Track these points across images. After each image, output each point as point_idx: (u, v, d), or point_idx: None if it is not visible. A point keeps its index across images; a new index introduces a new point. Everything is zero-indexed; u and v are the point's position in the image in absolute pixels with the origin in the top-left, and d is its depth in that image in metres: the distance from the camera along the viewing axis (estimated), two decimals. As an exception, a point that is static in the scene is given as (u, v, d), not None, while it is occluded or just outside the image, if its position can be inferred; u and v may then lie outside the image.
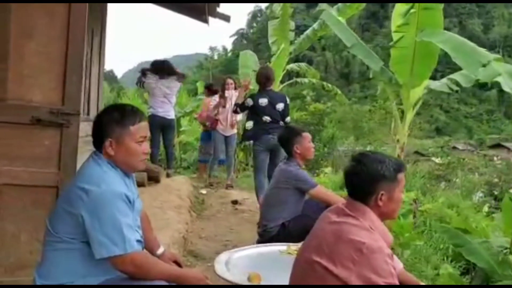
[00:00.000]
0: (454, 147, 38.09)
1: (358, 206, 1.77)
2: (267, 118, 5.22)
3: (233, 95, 6.93)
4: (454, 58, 5.34)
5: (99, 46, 4.54)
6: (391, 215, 1.85)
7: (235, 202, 5.75)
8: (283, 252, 2.82)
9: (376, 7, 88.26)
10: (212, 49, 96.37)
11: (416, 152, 30.06)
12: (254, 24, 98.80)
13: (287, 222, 3.43)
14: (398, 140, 7.09)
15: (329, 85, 11.82)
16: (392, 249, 1.95)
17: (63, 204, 1.82)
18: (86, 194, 1.75)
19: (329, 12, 7.96)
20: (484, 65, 5.12)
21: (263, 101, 5.27)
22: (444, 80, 6.96)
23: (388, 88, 7.14)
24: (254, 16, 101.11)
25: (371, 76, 7.62)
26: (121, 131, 1.88)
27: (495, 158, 45.26)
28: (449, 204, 13.43)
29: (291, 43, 10.47)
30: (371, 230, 1.70)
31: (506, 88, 4.78)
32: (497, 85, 5.44)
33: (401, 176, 1.80)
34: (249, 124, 5.32)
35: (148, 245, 2.15)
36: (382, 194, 1.75)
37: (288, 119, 5.49)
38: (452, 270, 5.05)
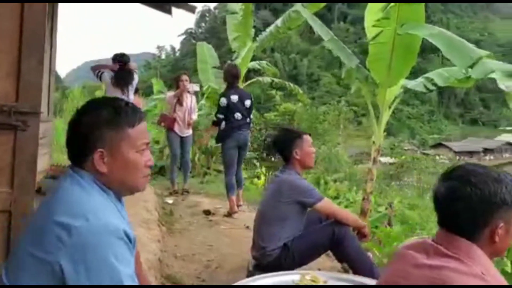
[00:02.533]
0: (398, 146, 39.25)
1: (460, 242, 1.25)
2: (238, 115, 5.32)
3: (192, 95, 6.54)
4: (445, 53, 5.03)
5: (50, 32, 3.84)
6: (502, 252, 1.34)
7: (207, 213, 5.17)
8: (297, 283, 2.30)
9: (323, 10, 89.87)
10: (159, 48, 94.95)
11: (364, 153, 30.60)
12: (203, 24, 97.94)
13: (290, 242, 2.90)
14: (374, 142, 6.76)
15: (291, 84, 11.46)
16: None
17: (30, 248, 1.20)
18: (67, 233, 1.15)
19: (303, 7, 7.58)
20: (475, 62, 4.84)
21: (235, 98, 5.35)
22: (420, 79, 6.70)
23: (364, 87, 6.79)
24: (202, 15, 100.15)
25: (343, 75, 7.26)
26: (116, 136, 1.32)
27: (437, 158, 47.45)
28: (408, 204, 13.48)
29: (254, 40, 10.00)
30: (485, 278, 1.19)
31: (502, 86, 4.48)
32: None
33: None
34: (223, 124, 5.32)
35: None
36: (500, 227, 1.24)
37: (251, 115, 5.66)
38: None
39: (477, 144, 66.99)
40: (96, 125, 1.30)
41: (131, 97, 5.73)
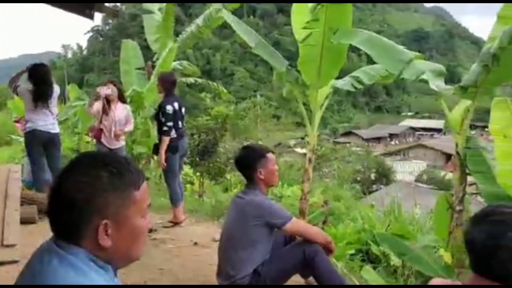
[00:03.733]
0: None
1: None
2: (180, 123, 5.22)
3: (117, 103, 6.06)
4: (375, 58, 5.14)
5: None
6: None
7: (149, 230, 4.87)
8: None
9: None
10: (65, 47, 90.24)
11: (285, 145, 31.33)
12: (110, 21, 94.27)
13: (260, 268, 2.77)
14: (308, 143, 6.83)
15: (214, 83, 11.30)
16: None
17: None
18: None
19: (226, 11, 7.45)
20: (406, 64, 5.00)
21: (176, 105, 5.21)
22: (348, 78, 6.85)
23: (295, 89, 6.82)
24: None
25: (274, 77, 7.26)
26: (123, 202, 1.12)
27: (348, 145, 49.77)
28: (333, 196, 13.94)
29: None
30: None
31: (433, 86, 4.66)
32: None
33: None
34: (173, 133, 5.09)
35: None
36: None
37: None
38: (374, 272, 4.98)
39: (383, 130, 71.25)
40: (98, 191, 1.08)
41: (55, 111, 5.27)
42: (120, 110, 5.83)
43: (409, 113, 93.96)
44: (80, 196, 1.07)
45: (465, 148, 4.32)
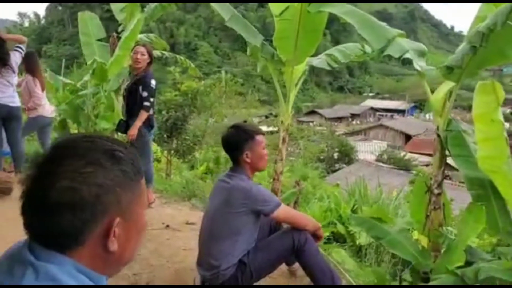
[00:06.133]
0: (276, 115, 40.74)
1: None
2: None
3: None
4: (360, 30, 4.95)
5: None
6: None
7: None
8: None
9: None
10: (21, 15, 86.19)
11: (246, 122, 31.11)
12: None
13: (245, 257, 2.58)
14: (282, 122, 6.65)
15: (181, 57, 10.89)
16: None
17: None
18: None
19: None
20: (389, 40, 4.86)
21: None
22: (323, 56, 6.69)
23: (270, 65, 6.60)
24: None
25: (248, 53, 7.00)
26: (133, 195, 0.91)
27: (311, 124, 49.96)
28: (300, 175, 13.95)
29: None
30: None
31: (416, 66, 4.54)
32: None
33: None
34: (151, 110, 4.81)
35: None
36: None
37: None
38: (344, 251, 4.97)
39: (345, 110, 72.13)
40: (109, 183, 0.86)
41: (14, 82, 4.86)
42: (23, 84, 5.76)
43: (370, 94, 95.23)
44: (86, 190, 0.84)
45: (446, 131, 4.23)
